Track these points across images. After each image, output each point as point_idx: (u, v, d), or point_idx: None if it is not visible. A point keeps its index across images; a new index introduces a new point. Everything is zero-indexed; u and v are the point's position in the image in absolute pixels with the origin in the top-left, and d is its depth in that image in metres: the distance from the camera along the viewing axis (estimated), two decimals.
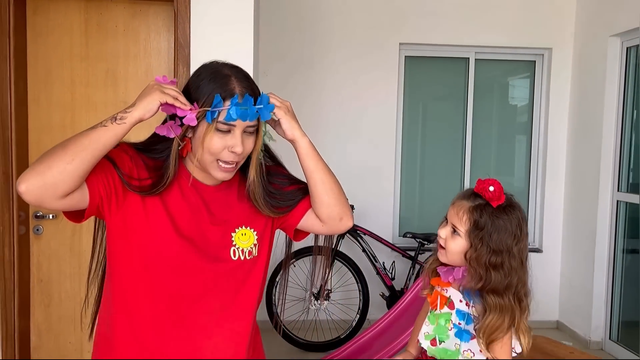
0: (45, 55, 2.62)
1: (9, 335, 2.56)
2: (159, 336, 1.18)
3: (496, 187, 1.26)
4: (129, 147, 1.20)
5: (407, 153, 4.40)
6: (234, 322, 1.23)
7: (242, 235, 1.23)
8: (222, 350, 1.21)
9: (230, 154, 1.12)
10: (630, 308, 3.86)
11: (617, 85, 3.76)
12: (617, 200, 3.79)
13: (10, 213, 2.53)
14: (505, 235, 1.22)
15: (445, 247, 1.31)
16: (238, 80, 1.13)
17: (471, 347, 1.27)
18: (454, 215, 1.29)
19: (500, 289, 1.21)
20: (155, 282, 1.16)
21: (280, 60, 4.05)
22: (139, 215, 1.14)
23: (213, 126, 1.10)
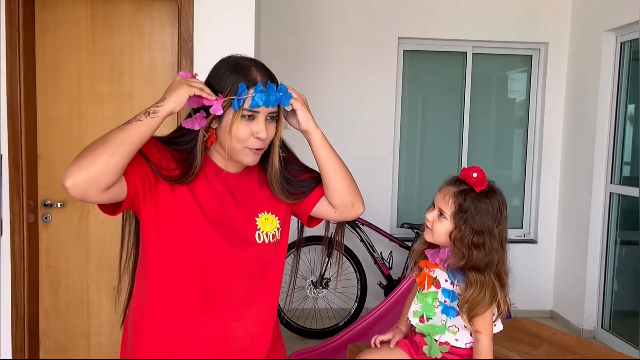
0: (53, 49, 2.70)
1: (19, 319, 2.65)
2: (191, 320, 1.23)
3: (479, 173, 1.35)
4: (157, 140, 1.26)
5: (405, 145, 4.48)
6: (261, 303, 1.29)
7: (265, 219, 1.29)
8: (250, 332, 1.28)
9: (256, 141, 1.19)
10: (622, 298, 3.96)
11: (611, 80, 3.83)
12: (610, 193, 3.87)
13: (20, 202, 2.62)
14: (487, 218, 1.31)
15: (432, 228, 1.39)
16: (258, 69, 1.21)
17: (456, 323, 1.36)
18: (441, 200, 1.38)
19: (482, 267, 1.30)
20: (186, 267, 1.22)
21: (281, 54, 4.12)
22: (169, 204, 1.20)
23: (239, 113, 1.17)
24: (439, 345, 1.35)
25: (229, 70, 1.21)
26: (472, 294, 1.28)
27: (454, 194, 1.34)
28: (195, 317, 1.23)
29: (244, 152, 1.21)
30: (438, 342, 1.35)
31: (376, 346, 1.46)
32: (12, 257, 2.62)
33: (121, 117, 2.73)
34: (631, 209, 3.88)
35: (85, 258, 2.80)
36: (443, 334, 1.35)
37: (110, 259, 2.81)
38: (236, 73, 1.20)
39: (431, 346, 1.35)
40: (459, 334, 1.36)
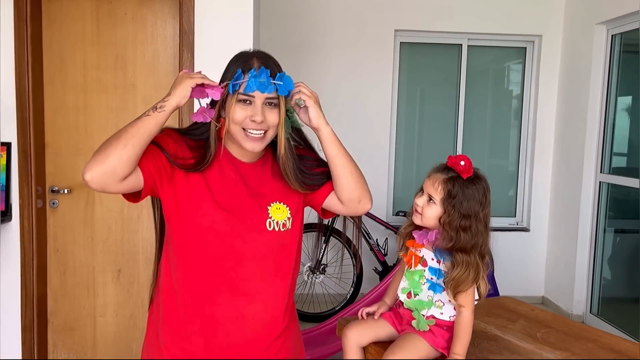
0: (59, 41, 2.79)
1: (28, 300, 2.77)
2: (209, 303, 1.29)
3: (466, 161, 1.44)
4: (173, 131, 1.34)
5: (402, 136, 4.58)
6: (273, 288, 1.34)
7: (277, 209, 1.34)
8: (262, 316, 1.32)
9: (251, 123, 1.26)
10: (610, 284, 4.07)
11: (602, 72, 3.92)
12: (600, 182, 3.98)
13: (29, 188, 2.73)
14: (473, 203, 1.40)
15: (422, 213, 1.49)
16: (258, 58, 1.29)
17: (441, 298, 1.46)
18: (430, 186, 1.47)
19: (468, 248, 1.39)
20: (203, 251, 1.28)
21: (280, 47, 4.20)
22: (184, 190, 1.28)
23: (234, 97, 1.25)
24: (426, 319, 1.45)
25: (233, 60, 1.31)
26: (458, 273, 1.37)
27: (443, 181, 1.43)
28: (213, 300, 1.29)
29: (242, 135, 1.27)
30: (425, 316, 1.45)
31: (362, 318, 1.57)
32: (21, 241, 2.73)
33: (125, 106, 2.85)
34: (620, 198, 3.99)
35: (91, 242, 2.91)
36: (429, 309, 1.45)
37: (115, 243, 2.92)
38: (237, 62, 1.29)
39: (419, 320, 1.45)
40: (444, 308, 1.45)
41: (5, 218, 2.68)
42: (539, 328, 1.69)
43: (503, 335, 1.62)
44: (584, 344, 1.57)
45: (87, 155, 3.00)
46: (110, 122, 2.86)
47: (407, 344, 1.41)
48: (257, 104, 1.26)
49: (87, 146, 2.86)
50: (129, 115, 2.84)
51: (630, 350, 1.54)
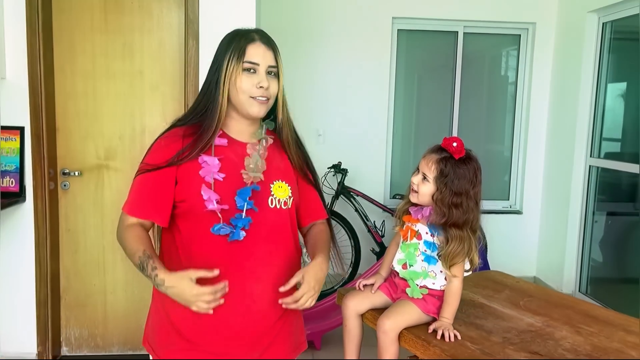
0: (69, 29, 2.90)
1: (42, 277, 2.92)
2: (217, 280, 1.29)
3: (458, 143, 1.55)
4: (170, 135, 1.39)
5: (399, 121, 4.70)
6: (278, 267, 1.38)
7: (279, 187, 1.40)
8: (268, 295, 1.36)
9: (258, 90, 1.33)
10: (598, 265, 4.23)
11: (593, 59, 4.04)
12: (590, 166, 4.11)
13: (42, 170, 2.86)
14: (464, 181, 1.50)
15: (417, 190, 1.61)
16: (257, 32, 1.39)
17: (434, 269, 1.58)
18: (425, 166, 1.58)
19: (460, 224, 1.50)
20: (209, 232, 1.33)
21: (281, 34, 4.26)
22: (188, 176, 1.34)
23: (240, 67, 1.33)
24: (420, 288, 1.58)
25: (230, 36, 1.39)
26: (452, 247, 1.49)
27: (436, 161, 1.54)
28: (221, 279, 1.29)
29: (250, 102, 1.34)
30: (419, 285, 1.58)
31: (360, 289, 1.70)
32: (35, 220, 2.87)
33: (132, 92, 2.97)
34: (610, 182, 4.13)
35: (101, 222, 3.04)
36: (423, 279, 1.58)
37: None
38: (237, 35, 1.38)
39: (413, 289, 1.58)
40: (436, 279, 1.58)
41: (20, 199, 2.82)
42: (522, 297, 1.83)
43: (489, 304, 1.76)
44: (562, 310, 1.71)
45: (97, 139, 3.14)
46: (118, 107, 2.98)
47: (401, 309, 1.55)
48: (261, 72, 1.35)
49: (96, 130, 2.98)
50: (136, 101, 2.98)
51: (604, 315, 1.69)
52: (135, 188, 1.39)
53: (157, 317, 1.46)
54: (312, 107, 4.42)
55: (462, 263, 1.53)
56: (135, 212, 1.37)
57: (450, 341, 1.45)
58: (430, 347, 1.43)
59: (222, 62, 1.35)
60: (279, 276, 1.38)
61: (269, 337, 1.40)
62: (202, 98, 1.40)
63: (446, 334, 1.46)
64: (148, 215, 1.36)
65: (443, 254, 1.52)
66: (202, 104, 1.39)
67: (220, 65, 1.36)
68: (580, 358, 1.38)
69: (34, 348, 2.95)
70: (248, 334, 1.37)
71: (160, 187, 1.35)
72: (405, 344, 1.51)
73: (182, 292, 1.23)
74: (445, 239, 1.53)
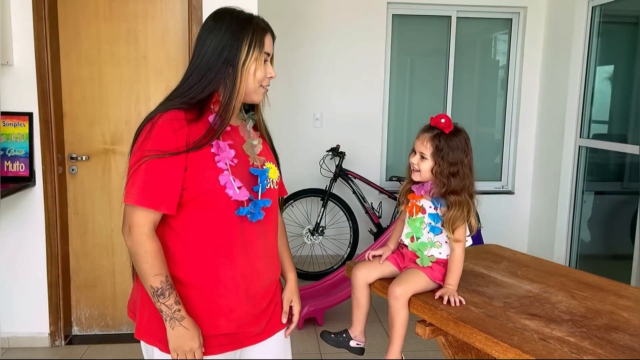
0: (74, 16, 2.96)
1: (53, 259, 3.00)
2: (229, 262, 1.34)
3: (446, 119, 1.67)
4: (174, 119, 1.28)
5: (394, 104, 4.79)
6: (273, 242, 1.46)
7: (271, 167, 1.43)
8: (270, 272, 1.46)
9: (268, 79, 1.40)
10: (587, 242, 4.38)
11: (582, 42, 4.15)
12: (579, 146, 4.24)
13: (51, 155, 2.93)
14: (458, 152, 1.63)
15: (419, 169, 1.72)
16: (256, 16, 1.38)
17: (439, 239, 1.69)
18: (420, 145, 1.69)
19: (458, 190, 1.62)
20: (223, 212, 1.32)
21: (278, 19, 4.36)
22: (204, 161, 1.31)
23: (261, 57, 1.34)
24: (428, 257, 1.70)
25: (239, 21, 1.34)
26: (453, 212, 1.61)
27: (430, 138, 1.66)
28: (233, 259, 1.34)
29: (258, 90, 1.38)
30: (427, 255, 1.70)
31: (369, 259, 1.81)
32: (45, 204, 2.94)
33: (137, 78, 3.04)
34: (598, 162, 4.27)
35: (108, 206, 3.13)
36: (430, 249, 1.69)
37: None
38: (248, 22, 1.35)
39: (422, 258, 1.69)
40: (442, 248, 1.69)
41: (30, 183, 2.89)
42: (520, 267, 1.95)
43: (489, 274, 1.88)
44: (557, 278, 1.83)
45: (103, 124, 3.23)
46: (123, 93, 3.05)
47: (410, 277, 1.66)
48: (269, 63, 1.40)
49: (102, 115, 3.05)
50: (141, 86, 3.04)
51: (596, 282, 1.81)
52: (142, 177, 1.25)
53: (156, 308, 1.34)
54: (309, 92, 4.51)
55: (462, 227, 1.64)
56: (148, 202, 1.25)
57: (455, 306, 1.57)
58: (438, 311, 1.54)
59: (238, 49, 1.32)
60: (273, 251, 1.49)
61: (269, 310, 1.49)
62: (201, 80, 1.32)
63: (452, 299, 1.58)
64: (160, 206, 1.26)
65: (445, 220, 1.63)
66: (202, 87, 1.33)
67: (236, 51, 1.32)
68: (575, 318, 1.50)
69: (47, 328, 3.04)
70: (256, 310, 1.43)
71: (172, 173, 1.26)
72: (414, 310, 1.62)
73: (187, 338, 1.28)
74: (447, 207, 1.64)
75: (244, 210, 1.33)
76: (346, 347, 1.78)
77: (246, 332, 1.43)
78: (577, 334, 1.39)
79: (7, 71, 2.82)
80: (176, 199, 1.28)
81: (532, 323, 1.46)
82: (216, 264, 1.34)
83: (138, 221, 1.27)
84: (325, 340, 1.79)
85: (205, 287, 1.34)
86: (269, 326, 1.50)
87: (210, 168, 1.30)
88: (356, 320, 1.76)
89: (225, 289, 1.35)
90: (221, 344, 1.39)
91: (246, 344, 1.45)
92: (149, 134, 1.28)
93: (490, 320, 1.47)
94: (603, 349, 1.32)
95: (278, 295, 1.55)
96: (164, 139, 1.26)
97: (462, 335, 1.46)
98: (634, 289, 1.76)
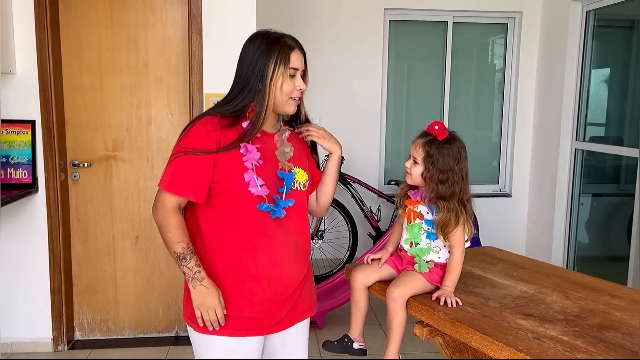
0: (75, 25, 3.00)
1: (56, 264, 3.04)
2: (252, 254, 1.50)
3: (440, 126, 1.71)
4: (208, 122, 1.49)
5: (392, 109, 4.84)
6: (298, 238, 1.59)
7: (299, 171, 1.59)
8: (294, 266, 1.58)
9: (297, 92, 1.55)
10: (584, 244, 4.42)
11: (577, 46, 4.20)
12: (575, 149, 4.29)
13: (53, 162, 2.97)
14: (448, 159, 1.66)
15: (410, 173, 1.76)
16: (286, 37, 1.57)
17: (437, 244, 1.73)
18: (414, 150, 1.74)
19: (447, 196, 1.66)
20: (246, 206, 1.49)
21: (277, 25, 4.38)
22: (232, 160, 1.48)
23: (286, 73, 1.50)
24: (426, 262, 1.73)
25: (267, 41, 1.53)
26: (442, 217, 1.65)
27: (422, 144, 1.70)
28: (255, 251, 1.50)
29: (289, 102, 1.54)
30: (425, 260, 1.73)
31: (368, 263, 1.85)
32: (47, 210, 2.98)
33: (138, 85, 3.08)
34: (593, 165, 4.31)
35: (110, 211, 3.16)
36: (429, 254, 1.73)
37: (132, 212, 3.18)
38: (275, 41, 1.53)
39: (420, 264, 1.73)
40: (440, 253, 1.73)
41: (33, 190, 2.93)
42: (516, 269, 1.99)
43: (485, 275, 1.92)
44: (552, 279, 1.87)
45: (104, 131, 3.27)
46: (124, 100, 3.09)
47: (408, 279, 1.69)
48: (298, 76, 1.55)
49: (104, 122, 3.09)
50: (141, 93, 3.09)
51: (591, 282, 1.85)
52: (174, 168, 1.47)
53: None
54: (307, 97, 4.51)
55: (457, 233, 1.67)
56: (175, 189, 1.47)
57: (452, 307, 1.60)
58: (435, 312, 1.58)
59: (266, 66, 1.50)
60: (298, 246, 1.60)
61: (291, 300, 1.61)
62: (239, 95, 1.52)
63: (448, 301, 1.61)
64: (187, 194, 1.47)
65: (435, 224, 1.67)
66: (239, 100, 1.52)
67: (264, 68, 1.50)
68: (569, 318, 1.53)
69: (49, 333, 3.08)
70: (277, 299, 1.56)
71: (201, 168, 1.46)
72: (412, 311, 1.66)
73: (207, 295, 1.46)
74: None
75: (263, 205, 1.50)
76: (349, 351, 1.82)
77: (268, 319, 1.56)
78: (571, 333, 1.43)
79: (10, 80, 2.87)
80: (203, 189, 1.48)
81: (526, 323, 1.50)
82: (239, 251, 1.51)
83: (164, 201, 1.48)
84: (328, 349, 1.82)
85: (230, 272, 1.52)
86: (290, 315, 1.62)
87: (237, 166, 1.49)
88: (354, 322, 1.80)
89: (247, 274, 1.52)
90: (246, 328, 1.54)
91: (268, 331, 1.59)
92: (186, 133, 1.51)
93: (486, 320, 1.51)
94: (596, 347, 1.35)
95: (302, 289, 1.65)
96: (198, 138, 1.47)
97: (459, 335, 1.50)
98: (627, 289, 1.80)
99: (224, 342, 1.52)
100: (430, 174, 1.66)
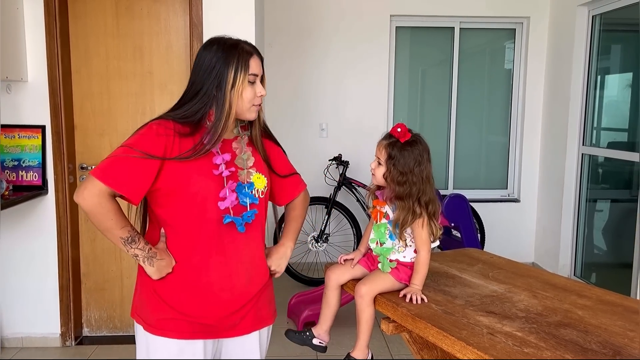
0: (84, 34, 3.15)
1: (64, 263, 3.17)
2: (204, 261, 1.50)
3: (402, 128, 1.75)
4: (161, 126, 1.47)
5: (398, 115, 4.88)
6: (257, 249, 1.60)
7: (257, 178, 1.57)
8: (251, 273, 1.58)
9: (258, 98, 1.52)
10: (591, 249, 4.38)
11: (583, 50, 4.18)
12: (582, 154, 4.26)
13: (62, 165, 3.11)
14: (409, 160, 1.70)
15: (374, 173, 1.82)
16: (243, 41, 1.51)
17: (401, 244, 1.78)
18: (378, 151, 1.79)
19: (403, 196, 1.70)
20: (203, 215, 1.48)
21: (284, 32, 4.53)
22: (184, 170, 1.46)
23: (245, 80, 1.47)
24: (390, 261, 1.78)
25: (225, 47, 1.47)
26: (398, 214, 1.70)
27: (385, 146, 1.75)
28: (209, 258, 1.50)
29: (250, 109, 1.52)
30: (389, 259, 1.79)
31: (341, 263, 1.91)
32: (56, 211, 3.12)
33: (143, 91, 3.21)
34: (601, 170, 4.27)
35: None
36: (393, 254, 1.78)
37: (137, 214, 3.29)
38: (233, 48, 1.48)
39: (383, 263, 1.78)
40: (405, 252, 1.78)
41: (43, 192, 3.07)
42: (492, 269, 2.02)
43: (460, 275, 1.96)
44: (525, 280, 1.90)
45: (112, 136, 3.39)
46: (130, 106, 3.22)
47: (376, 277, 1.75)
48: (258, 82, 1.52)
49: (111, 127, 3.22)
50: (146, 99, 3.21)
51: (562, 283, 1.87)
52: (116, 162, 1.42)
53: (144, 291, 1.57)
54: (314, 103, 4.63)
55: (421, 233, 1.70)
56: (111, 183, 1.41)
57: (417, 303, 1.65)
58: (399, 308, 1.63)
59: (225, 73, 1.46)
60: (254, 255, 1.61)
61: (247, 308, 1.61)
62: (192, 99, 1.49)
63: (414, 298, 1.66)
64: (116, 187, 1.42)
65: (393, 220, 1.72)
66: (196, 108, 1.48)
67: (222, 75, 1.46)
68: (530, 315, 1.57)
69: (58, 329, 3.21)
70: (231, 306, 1.56)
71: (143, 171, 1.42)
72: (379, 307, 1.71)
73: (165, 265, 1.48)
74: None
75: (228, 218, 1.50)
76: (309, 345, 1.88)
77: (220, 324, 1.56)
78: (526, 330, 1.47)
79: (22, 87, 3.02)
80: (142, 191, 1.46)
81: (486, 319, 1.54)
82: (194, 257, 1.51)
83: (93, 187, 1.42)
84: (289, 338, 1.88)
85: (186, 275, 1.52)
86: (244, 323, 1.62)
87: (202, 174, 1.47)
88: (323, 318, 1.86)
89: (200, 280, 1.52)
90: (195, 331, 1.54)
91: (219, 336, 1.59)
92: (136, 132, 1.49)
93: (446, 316, 1.56)
94: (546, 342, 1.39)
95: (260, 297, 1.65)
96: (147, 139, 1.44)
97: (418, 330, 1.55)
98: (597, 289, 1.82)
99: (172, 343, 1.52)
100: (392, 175, 1.71)
